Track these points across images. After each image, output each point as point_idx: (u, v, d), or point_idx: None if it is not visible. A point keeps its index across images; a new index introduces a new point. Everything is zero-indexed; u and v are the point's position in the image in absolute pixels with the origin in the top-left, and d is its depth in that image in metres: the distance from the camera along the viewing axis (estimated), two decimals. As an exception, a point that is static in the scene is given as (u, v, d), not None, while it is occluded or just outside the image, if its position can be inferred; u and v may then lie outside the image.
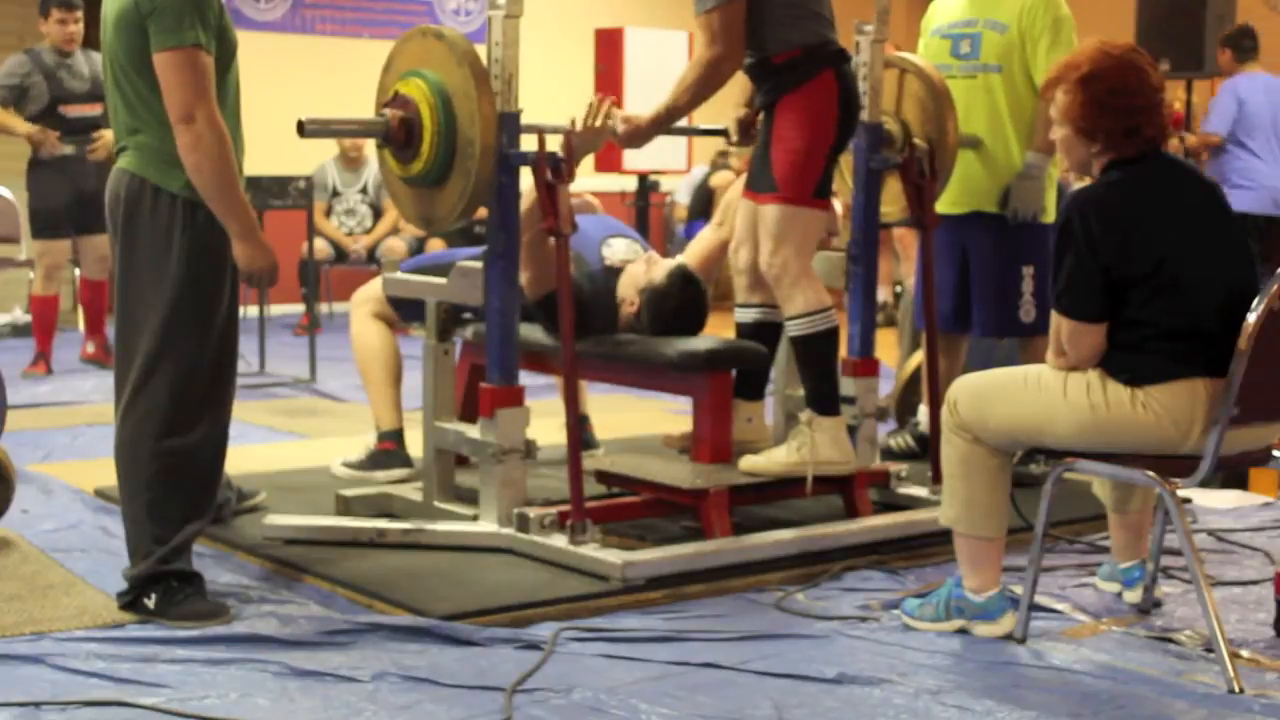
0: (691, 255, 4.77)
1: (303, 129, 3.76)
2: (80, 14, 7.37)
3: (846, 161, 4.91)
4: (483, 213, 4.01)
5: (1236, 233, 3.37)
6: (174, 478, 3.51)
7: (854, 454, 4.25)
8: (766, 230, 4.14)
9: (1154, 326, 3.25)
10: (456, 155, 3.85)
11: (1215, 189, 3.41)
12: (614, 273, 4.61)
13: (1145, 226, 3.25)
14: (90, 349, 7.67)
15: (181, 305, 3.46)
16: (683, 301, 4.48)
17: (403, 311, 4.86)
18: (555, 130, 4.05)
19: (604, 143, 4.24)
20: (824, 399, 4.17)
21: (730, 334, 4.57)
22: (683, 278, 4.51)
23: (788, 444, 4.17)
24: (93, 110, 7.31)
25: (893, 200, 4.77)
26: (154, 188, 3.47)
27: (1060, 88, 3.35)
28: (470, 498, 4.17)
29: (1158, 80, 3.32)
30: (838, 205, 7.35)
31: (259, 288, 3.63)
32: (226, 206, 3.45)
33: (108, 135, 7.19)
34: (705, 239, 4.84)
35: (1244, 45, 7.96)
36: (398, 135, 3.89)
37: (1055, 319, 3.34)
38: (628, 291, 4.54)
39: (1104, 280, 3.24)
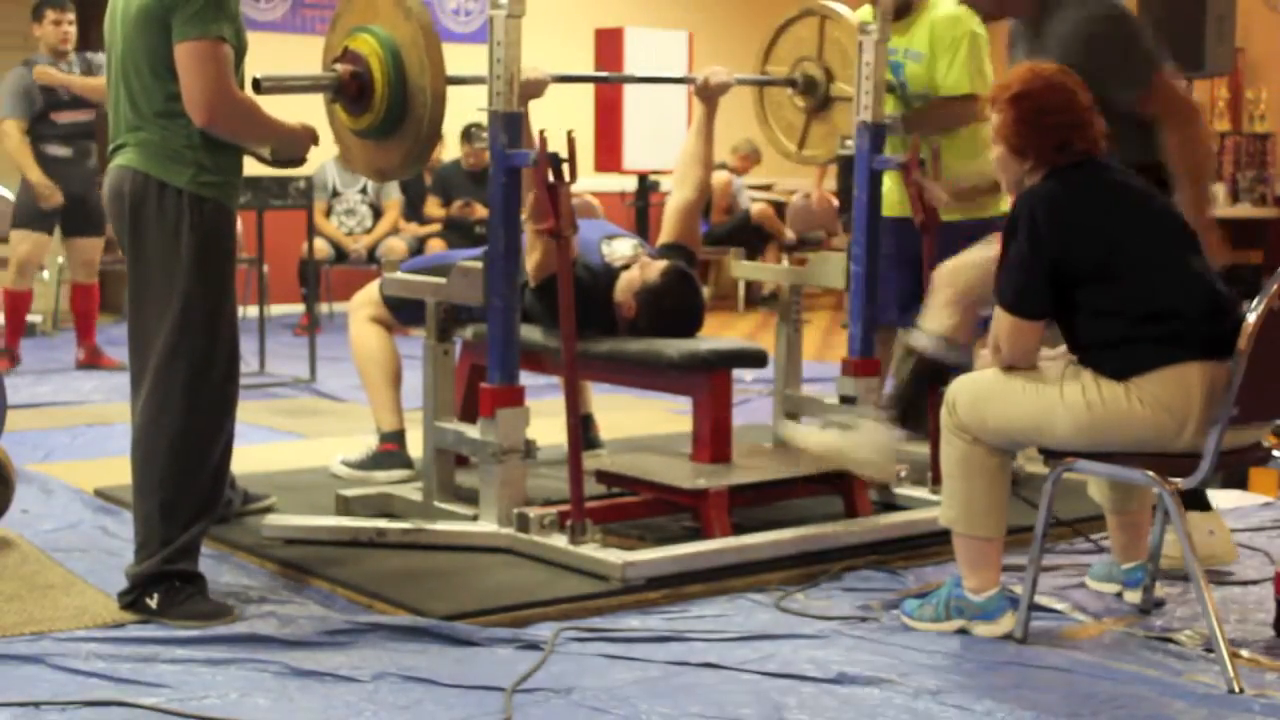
0: (669, 227, 4.81)
1: (259, 86, 3.78)
2: (74, 15, 7.39)
3: (774, 112, 5.08)
4: (483, 212, 4.02)
5: (1182, 223, 3.43)
6: (187, 477, 3.52)
7: (893, 467, 4.16)
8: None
9: (1124, 316, 3.28)
10: (408, 105, 3.90)
11: (1154, 189, 3.49)
12: (614, 270, 4.62)
13: (1090, 216, 3.31)
14: (82, 354, 7.66)
15: (192, 301, 3.47)
16: (679, 299, 4.49)
17: (399, 315, 4.87)
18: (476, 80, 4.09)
19: (544, 89, 4.21)
20: (900, 408, 4.04)
21: (729, 334, 4.57)
22: (677, 275, 4.52)
23: (835, 427, 4.10)
24: (85, 116, 7.32)
25: (819, 143, 4.97)
26: (159, 183, 3.47)
27: (994, 108, 3.44)
28: (470, 498, 4.17)
29: (1085, 99, 3.40)
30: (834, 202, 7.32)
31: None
32: (263, 141, 3.61)
33: None
34: (671, 205, 4.87)
35: None
36: (350, 88, 3.95)
37: (996, 314, 3.39)
38: (624, 296, 4.54)
39: (1049, 276, 3.29)
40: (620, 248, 4.71)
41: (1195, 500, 4.03)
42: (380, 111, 3.93)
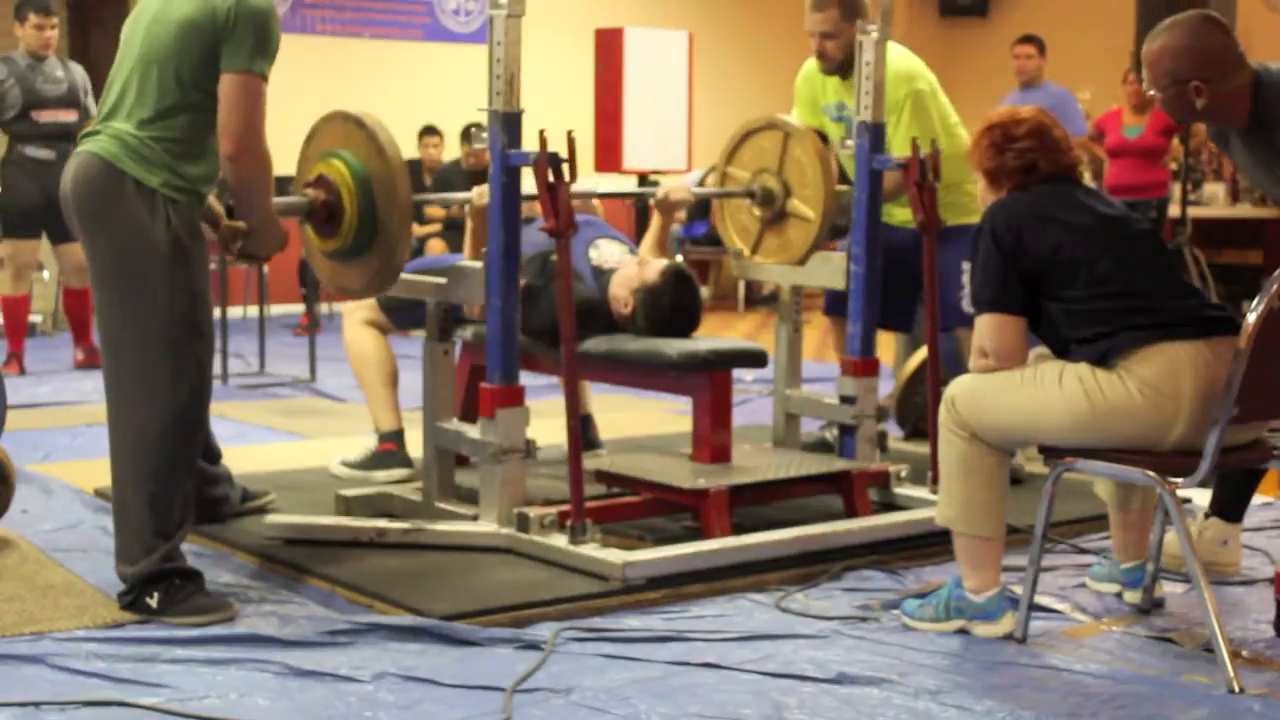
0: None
1: (231, 212, 3.82)
2: (55, 20, 7.38)
3: (730, 214, 5.17)
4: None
5: (1147, 228, 3.53)
6: (177, 471, 3.54)
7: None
8: None
9: (1095, 305, 3.34)
10: (374, 238, 3.96)
11: (1115, 203, 3.59)
12: (602, 274, 4.64)
13: (1043, 209, 3.45)
14: (80, 355, 7.66)
15: (175, 296, 3.49)
16: (677, 299, 4.51)
17: (394, 317, 4.88)
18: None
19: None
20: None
21: (729, 334, 4.58)
22: (676, 275, 4.54)
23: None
24: (67, 116, 7.30)
25: (772, 253, 5.02)
26: (134, 180, 3.49)
27: (973, 143, 3.62)
28: (470, 498, 4.17)
29: (1059, 132, 3.57)
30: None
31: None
32: (253, 212, 3.66)
33: None
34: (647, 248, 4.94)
35: None
36: (320, 214, 4.01)
37: (977, 322, 3.45)
38: (621, 292, 4.56)
39: (1016, 274, 3.39)
40: (608, 251, 4.75)
41: (1230, 508, 4.02)
42: (348, 238, 4.00)
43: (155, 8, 3.58)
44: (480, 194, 4.36)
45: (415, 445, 4.53)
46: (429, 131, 10.04)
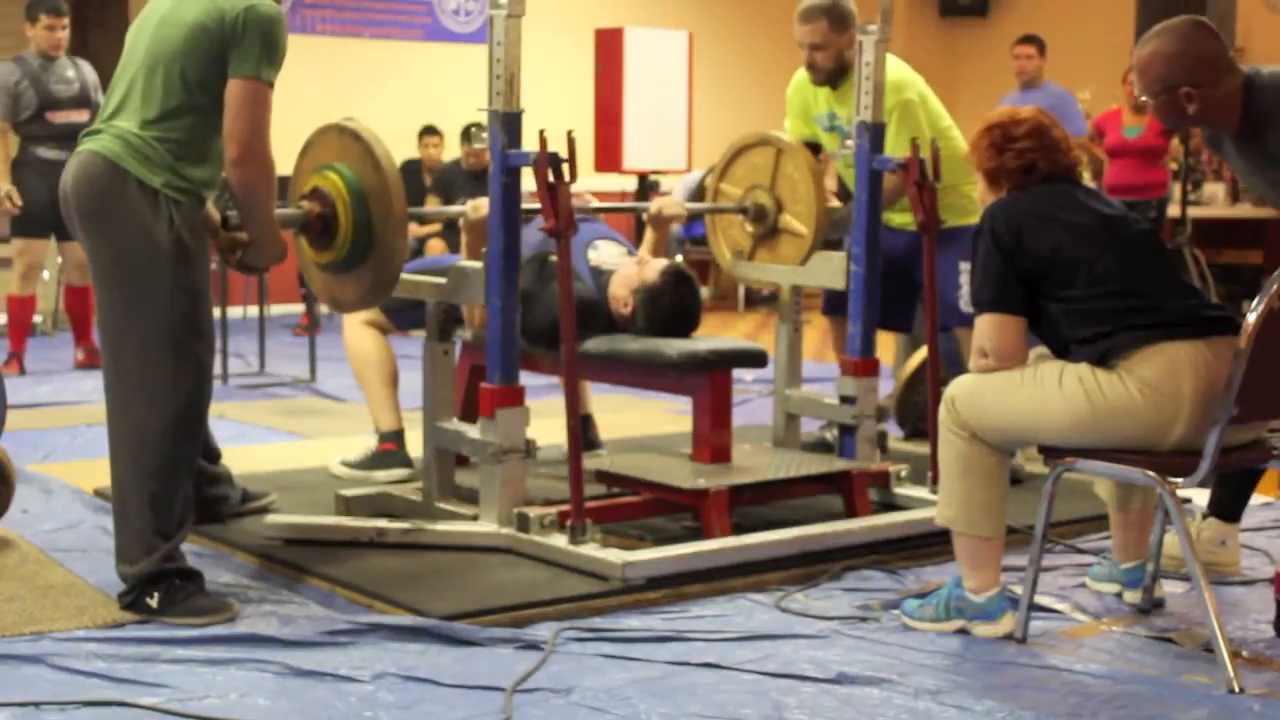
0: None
1: (226, 223, 3.82)
2: (67, 20, 7.38)
3: (723, 229, 5.19)
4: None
5: (1147, 228, 3.54)
6: (176, 473, 3.54)
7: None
8: None
9: (1095, 305, 3.34)
10: (369, 251, 3.96)
11: (1114, 203, 3.60)
12: (601, 274, 4.65)
13: (1042, 209, 3.46)
14: (80, 355, 7.66)
15: (177, 296, 3.49)
16: (677, 299, 4.52)
17: (394, 318, 4.89)
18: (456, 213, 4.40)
19: None
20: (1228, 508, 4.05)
21: (729, 334, 4.59)
22: (676, 276, 4.54)
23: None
24: (80, 116, 7.30)
25: (776, 259, 5.03)
26: (137, 180, 3.49)
27: (972, 147, 3.64)
28: (470, 498, 4.17)
29: (1059, 132, 3.59)
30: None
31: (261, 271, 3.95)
32: (255, 220, 3.66)
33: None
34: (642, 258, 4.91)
35: None
36: (315, 227, 4.02)
37: (977, 322, 3.46)
38: (621, 291, 4.57)
39: (1016, 274, 3.40)
40: (607, 252, 4.75)
41: (1228, 508, 4.02)
42: (342, 251, 4.00)
43: (164, 10, 3.59)
44: (474, 207, 4.36)
45: (415, 445, 4.53)
46: (429, 131, 10.03)
